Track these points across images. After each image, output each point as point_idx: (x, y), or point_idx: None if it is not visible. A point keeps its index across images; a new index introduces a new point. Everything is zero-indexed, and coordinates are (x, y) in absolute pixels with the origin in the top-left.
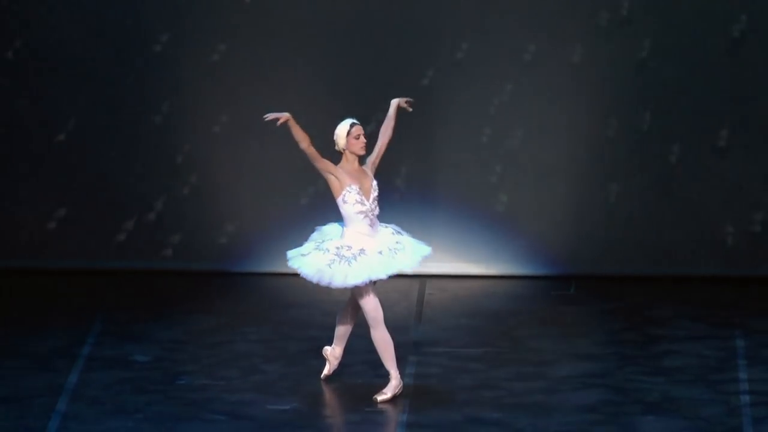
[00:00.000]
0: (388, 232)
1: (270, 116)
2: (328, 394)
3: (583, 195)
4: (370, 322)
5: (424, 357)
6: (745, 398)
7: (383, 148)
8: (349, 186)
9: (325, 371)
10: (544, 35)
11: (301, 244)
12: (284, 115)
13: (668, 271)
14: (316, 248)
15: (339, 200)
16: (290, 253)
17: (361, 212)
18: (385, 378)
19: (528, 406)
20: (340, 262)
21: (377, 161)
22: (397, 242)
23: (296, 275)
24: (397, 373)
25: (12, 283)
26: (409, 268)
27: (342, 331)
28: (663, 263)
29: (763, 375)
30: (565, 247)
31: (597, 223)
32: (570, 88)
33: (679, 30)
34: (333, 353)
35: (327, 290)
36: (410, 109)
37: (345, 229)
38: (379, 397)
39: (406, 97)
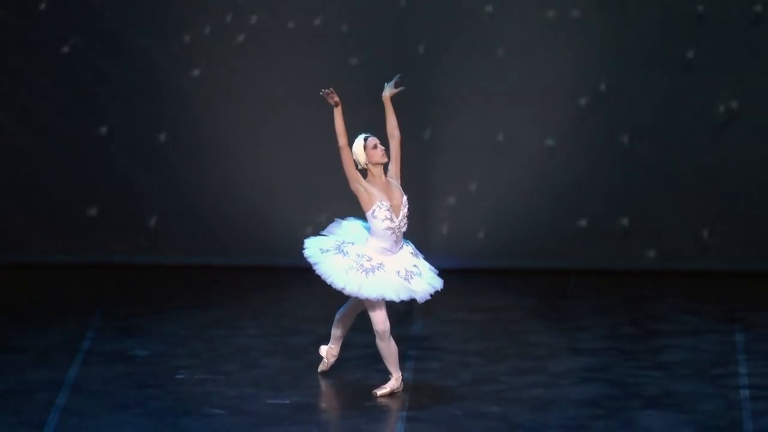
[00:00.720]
0: (407, 252)
1: (327, 91)
2: (328, 389)
3: (582, 189)
4: (378, 333)
5: (423, 352)
6: (745, 392)
7: (398, 152)
8: (380, 202)
9: (322, 367)
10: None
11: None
12: (336, 99)
13: (668, 266)
14: (337, 249)
15: (368, 214)
16: (308, 243)
17: (389, 228)
18: (384, 372)
19: (527, 400)
20: (357, 271)
21: (398, 169)
22: (414, 265)
23: (296, 269)
24: (399, 374)
25: (11, 278)
26: (420, 297)
27: (340, 333)
28: (663, 258)
29: (763, 369)
30: (564, 242)
31: (597, 217)
32: (563, 71)
33: None
34: (331, 352)
35: (327, 284)
36: (401, 88)
37: (370, 238)
38: (379, 392)
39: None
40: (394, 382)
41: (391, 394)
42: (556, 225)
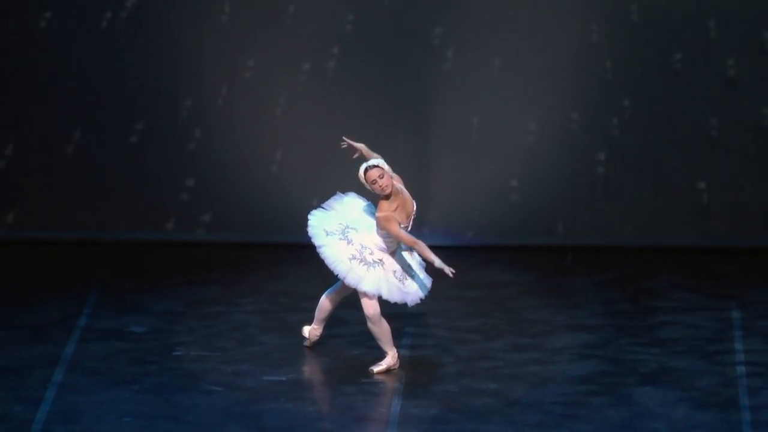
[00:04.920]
0: (403, 251)
1: (348, 143)
2: (324, 365)
3: (578, 165)
4: (368, 317)
5: (420, 328)
6: (741, 369)
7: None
8: (400, 225)
9: (306, 344)
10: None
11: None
12: (359, 146)
13: (665, 242)
14: (342, 234)
15: (382, 233)
16: (313, 220)
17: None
18: (380, 349)
19: (524, 377)
20: (360, 263)
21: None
22: (410, 266)
23: (294, 246)
24: (394, 351)
25: (8, 254)
26: (410, 300)
27: (324, 314)
28: (660, 234)
29: (759, 346)
30: (561, 218)
31: (594, 194)
32: (560, 58)
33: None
34: (314, 332)
35: (324, 261)
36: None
37: (373, 232)
38: (375, 368)
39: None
40: (390, 359)
41: (387, 371)
42: (552, 201)
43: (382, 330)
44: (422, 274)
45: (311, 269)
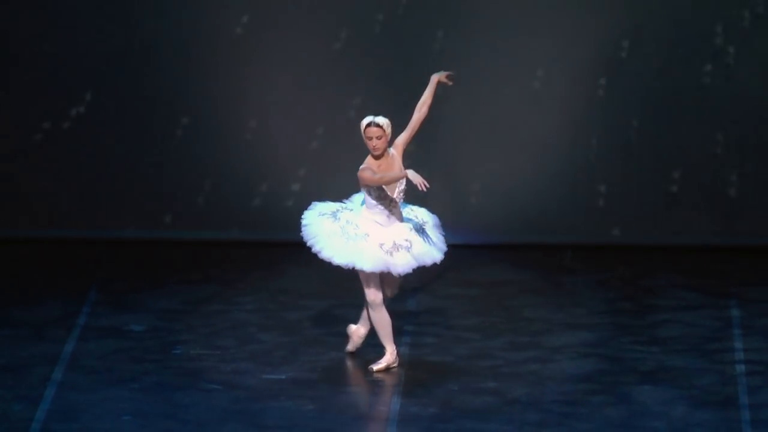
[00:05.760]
0: (405, 226)
1: (421, 186)
2: (324, 364)
3: (578, 164)
4: (368, 303)
5: (419, 327)
6: (741, 368)
7: (416, 128)
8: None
9: (349, 347)
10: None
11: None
12: (421, 181)
13: (664, 241)
14: (333, 214)
15: (364, 189)
16: (313, 205)
17: (381, 204)
18: (380, 347)
19: (523, 375)
20: (341, 237)
21: (408, 140)
22: (406, 239)
23: (293, 244)
24: (393, 348)
25: (7, 253)
26: (398, 270)
27: (366, 314)
28: (659, 233)
29: (759, 344)
30: (560, 216)
31: (593, 192)
32: (556, 52)
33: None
34: (357, 332)
35: (323, 260)
36: (450, 83)
37: (363, 208)
38: (375, 367)
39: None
40: (389, 357)
41: (387, 369)
42: (552, 199)
43: (380, 320)
44: (425, 248)
45: (310, 268)
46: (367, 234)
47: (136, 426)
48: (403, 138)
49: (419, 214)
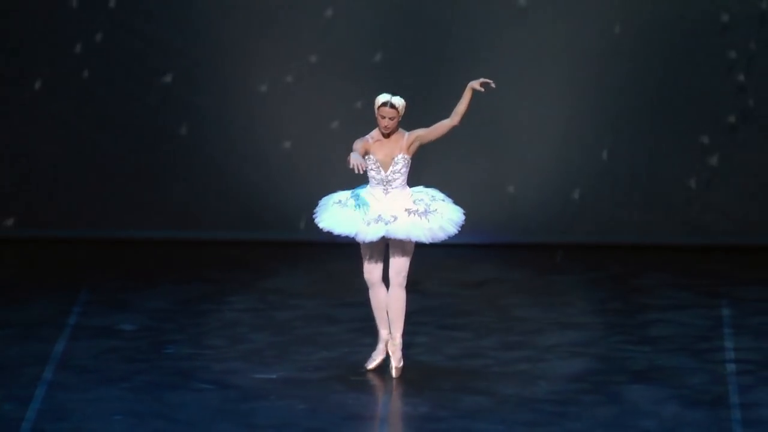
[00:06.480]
0: (399, 203)
1: (356, 167)
2: (314, 363)
3: (570, 163)
4: (366, 281)
5: (411, 326)
6: (731, 367)
7: (441, 131)
8: (369, 156)
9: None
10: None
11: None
12: (358, 162)
13: (655, 240)
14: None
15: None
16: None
17: (374, 179)
18: (371, 347)
19: (514, 375)
20: (338, 205)
21: (423, 139)
22: (393, 215)
23: (284, 243)
24: (384, 332)
25: None
26: (363, 238)
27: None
28: (650, 232)
29: (749, 344)
30: (552, 216)
31: (585, 192)
32: (559, 50)
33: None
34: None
35: (316, 260)
36: (483, 90)
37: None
38: (369, 365)
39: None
40: (380, 350)
41: (382, 364)
42: (543, 199)
43: (372, 300)
44: (410, 228)
45: (300, 267)
46: (360, 205)
47: (127, 425)
48: (421, 134)
49: (440, 208)
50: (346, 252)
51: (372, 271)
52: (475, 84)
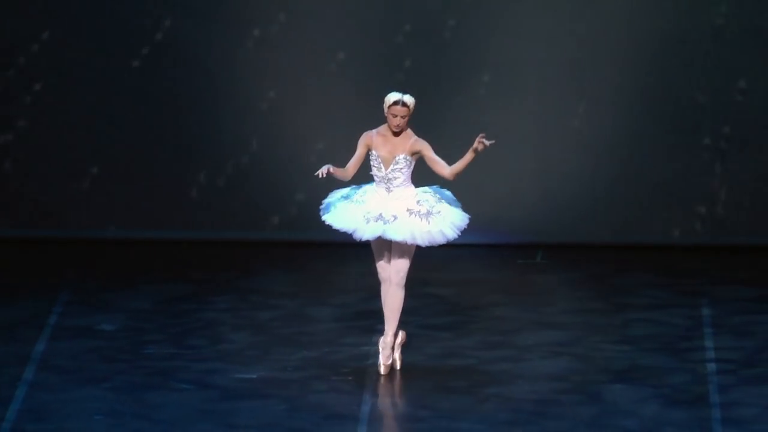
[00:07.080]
0: (399, 203)
1: (320, 173)
2: (295, 363)
3: (550, 163)
4: (379, 278)
5: None
6: (712, 366)
7: (433, 168)
8: (371, 151)
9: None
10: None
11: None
12: (323, 170)
13: (635, 240)
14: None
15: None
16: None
17: (376, 176)
18: (350, 346)
19: (495, 374)
20: (345, 201)
21: (422, 156)
22: (393, 215)
23: (264, 243)
24: (390, 329)
25: None
26: (358, 236)
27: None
28: (630, 232)
29: (729, 343)
30: (532, 215)
31: (565, 192)
32: (542, 60)
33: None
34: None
35: (296, 259)
36: (484, 146)
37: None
38: (382, 369)
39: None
40: (382, 343)
41: (391, 352)
42: (523, 198)
43: (384, 298)
44: (407, 230)
45: (281, 267)
46: (364, 201)
47: (108, 426)
48: (426, 154)
49: (444, 210)
50: (327, 252)
51: (385, 268)
52: (479, 146)
